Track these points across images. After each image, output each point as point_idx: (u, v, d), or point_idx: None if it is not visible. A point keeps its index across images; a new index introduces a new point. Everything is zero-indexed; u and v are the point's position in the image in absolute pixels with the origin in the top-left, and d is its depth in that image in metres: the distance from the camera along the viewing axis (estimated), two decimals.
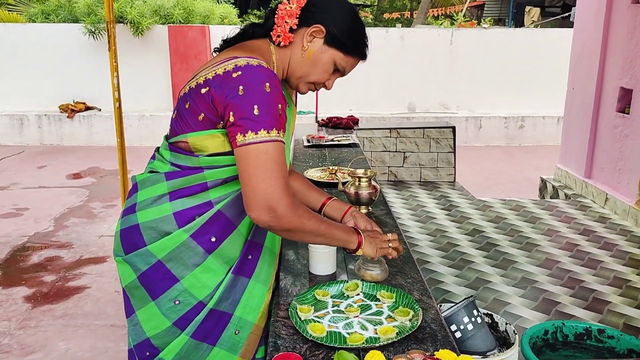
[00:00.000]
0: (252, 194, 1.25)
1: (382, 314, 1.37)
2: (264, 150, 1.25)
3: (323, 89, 1.50)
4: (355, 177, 2.15)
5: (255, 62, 1.28)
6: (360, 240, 1.45)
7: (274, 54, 1.42)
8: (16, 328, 2.96)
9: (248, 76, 1.26)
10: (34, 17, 8.88)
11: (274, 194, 1.25)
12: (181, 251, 1.37)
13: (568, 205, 4.63)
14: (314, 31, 1.39)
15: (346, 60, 1.44)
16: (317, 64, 1.42)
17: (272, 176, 1.26)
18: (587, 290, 3.09)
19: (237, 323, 1.43)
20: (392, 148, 5.18)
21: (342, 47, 1.41)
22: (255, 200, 1.25)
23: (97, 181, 6.04)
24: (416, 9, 17.78)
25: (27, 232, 4.41)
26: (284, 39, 1.39)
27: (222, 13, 9.28)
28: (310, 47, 1.41)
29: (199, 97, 1.32)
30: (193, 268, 1.38)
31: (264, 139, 1.25)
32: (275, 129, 1.26)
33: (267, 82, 1.27)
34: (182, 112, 1.37)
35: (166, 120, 8.10)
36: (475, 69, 8.63)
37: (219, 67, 1.30)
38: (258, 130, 1.25)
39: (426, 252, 3.57)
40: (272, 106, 1.26)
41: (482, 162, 7.15)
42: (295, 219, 1.29)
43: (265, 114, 1.25)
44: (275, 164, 1.26)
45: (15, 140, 8.10)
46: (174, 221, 1.37)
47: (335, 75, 1.47)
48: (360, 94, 8.49)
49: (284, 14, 1.39)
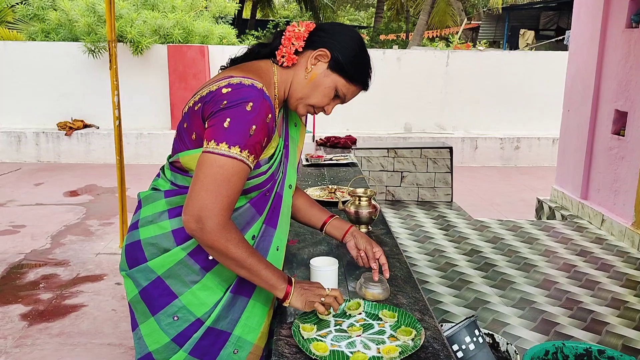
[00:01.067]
0: (191, 198, 1.26)
1: (385, 333, 1.38)
2: (220, 163, 1.25)
3: (322, 113, 1.50)
4: (355, 197, 2.16)
5: (248, 82, 1.29)
6: (288, 291, 1.35)
7: (276, 74, 1.43)
8: (12, 346, 2.93)
9: (235, 93, 1.27)
10: (34, 36, 8.95)
11: (209, 207, 1.25)
12: (179, 268, 1.38)
13: (565, 226, 4.65)
14: (319, 54, 1.40)
15: (348, 87, 1.44)
16: (318, 87, 1.42)
17: (216, 190, 1.25)
18: (586, 311, 3.09)
19: (236, 342, 1.43)
20: (390, 168, 5.21)
21: (345, 74, 1.41)
22: (191, 205, 1.26)
23: (94, 199, 6.03)
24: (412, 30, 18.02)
25: (23, 249, 4.39)
26: (288, 59, 1.40)
27: (221, 33, 9.37)
28: (314, 70, 1.41)
29: (193, 115, 1.34)
30: (191, 285, 1.39)
31: (222, 152, 1.25)
32: (238, 147, 1.26)
33: (251, 102, 1.27)
34: (180, 131, 1.40)
35: (164, 139, 8.13)
36: (471, 91, 8.72)
37: (213, 85, 1.32)
38: (220, 142, 1.25)
39: (425, 272, 3.57)
40: (244, 125, 1.26)
41: (478, 182, 7.18)
42: (221, 240, 1.27)
43: (233, 130, 1.25)
44: (225, 180, 1.26)
45: (13, 157, 8.09)
46: (172, 238, 1.39)
47: (335, 101, 1.47)
48: (357, 113, 8.54)
49: (292, 36, 1.40)
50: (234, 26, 10.98)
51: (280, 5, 26.14)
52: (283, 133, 1.51)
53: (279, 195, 1.49)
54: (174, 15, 8.49)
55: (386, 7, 21.44)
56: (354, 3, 26.74)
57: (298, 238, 2.05)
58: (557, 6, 15.73)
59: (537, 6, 16.51)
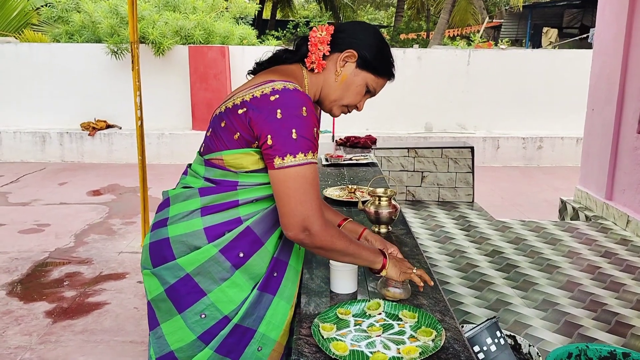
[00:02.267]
0: (290, 214, 1.32)
1: (405, 333, 1.37)
2: (302, 173, 1.31)
3: (355, 110, 1.56)
4: (375, 196, 2.15)
5: (292, 86, 1.34)
6: (384, 262, 1.48)
7: (306, 78, 1.48)
8: (37, 343, 2.99)
9: (285, 100, 1.31)
10: (58, 37, 9.11)
11: (309, 215, 1.32)
12: (210, 265, 1.40)
13: (589, 227, 4.57)
14: (346, 56, 1.46)
15: (377, 81, 1.50)
16: (350, 87, 1.48)
17: (308, 198, 1.32)
18: (610, 313, 3.03)
19: (260, 339, 1.44)
20: (410, 168, 5.18)
21: (373, 69, 1.47)
22: (293, 221, 1.32)
23: (117, 198, 6.11)
24: (432, 29, 17.90)
25: (48, 247, 4.47)
26: (318, 66, 1.46)
27: (241, 34, 9.42)
28: (344, 72, 1.47)
29: (235, 117, 1.36)
30: (220, 282, 1.40)
31: (301, 162, 1.31)
32: (311, 152, 1.33)
33: (304, 106, 1.32)
34: (217, 130, 1.41)
35: (185, 139, 8.20)
36: (493, 90, 8.62)
37: (256, 90, 1.35)
38: (296, 153, 1.30)
39: (445, 273, 3.54)
40: (309, 130, 1.32)
41: (500, 182, 7.10)
42: (328, 238, 1.36)
43: (303, 138, 1.31)
44: (310, 186, 1.33)
45: (38, 157, 8.25)
46: (204, 236, 1.40)
47: (366, 97, 1.53)
48: (377, 113, 8.51)
49: (317, 42, 1.45)
50: (254, 27, 11.05)
51: (300, 6, 26.19)
52: None
53: None
54: (195, 16, 8.56)
55: (406, 6, 21.32)
56: (374, 2, 26.66)
57: None
58: (580, 4, 15.47)
59: (560, 4, 16.25)
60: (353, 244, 1.44)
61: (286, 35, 14.49)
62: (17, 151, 8.22)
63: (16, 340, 3.01)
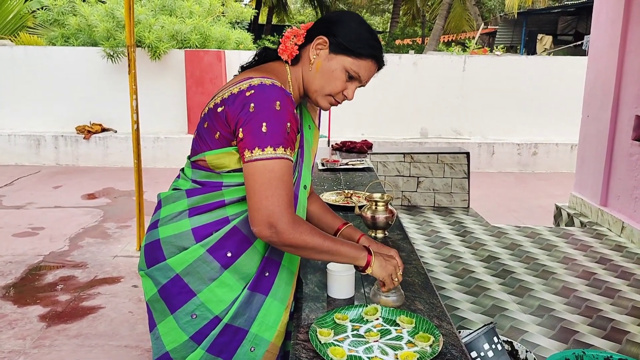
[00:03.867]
0: (255, 209, 1.30)
1: (402, 339, 1.37)
2: (270, 167, 1.29)
3: (346, 100, 1.50)
4: (372, 201, 2.15)
5: (269, 82, 1.33)
6: (369, 259, 1.43)
7: (289, 73, 1.47)
8: (31, 347, 2.96)
9: (259, 94, 1.31)
10: (54, 41, 9.08)
11: (275, 211, 1.28)
12: (198, 265, 1.40)
13: (584, 233, 4.58)
14: (318, 43, 1.43)
15: (357, 64, 1.43)
16: (326, 74, 1.43)
17: (275, 193, 1.29)
18: (605, 319, 3.04)
19: (253, 340, 1.44)
20: (406, 173, 5.19)
21: (348, 51, 1.42)
22: (258, 216, 1.29)
23: (112, 202, 6.09)
24: (428, 35, 17.96)
25: (42, 251, 4.44)
26: (289, 53, 1.45)
27: (237, 38, 9.43)
28: (317, 59, 1.44)
29: (215, 116, 1.37)
30: (209, 282, 1.40)
31: (269, 155, 1.29)
32: (282, 147, 1.30)
33: (278, 100, 1.30)
34: (201, 131, 1.42)
35: (180, 143, 8.19)
36: (488, 96, 8.66)
37: (234, 87, 1.36)
38: (265, 147, 1.29)
39: (441, 278, 3.54)
40: (281, 124, 1.30)
41: (495, 188, 7.12)
42: (297, 235, 1.31)
43: (273, 132, 1.29)
44: (279, 181, 1.30)
45: (32, 160, 8.21)
46: (192, 236, 1.41)
47: (352, 84, 1.46)
48: (372, 118, 8.54)
49: (290, 34, 1.46)
50: (250, 31, 11.06)
51: (296, 11, 26.24)
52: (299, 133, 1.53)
53: (295, 195, 1.50)
54: (192, 20, 8.57)
55: (402, 12, 21.41)
56: (370, 8, 26.75)
57: None
58: (575, 11, 15.59)
59: (555, 11, 16.37)
60: (329, 239, 1.38)
61: None
62: (12, 154, 8.18)
63: (10, 345, 2.98)
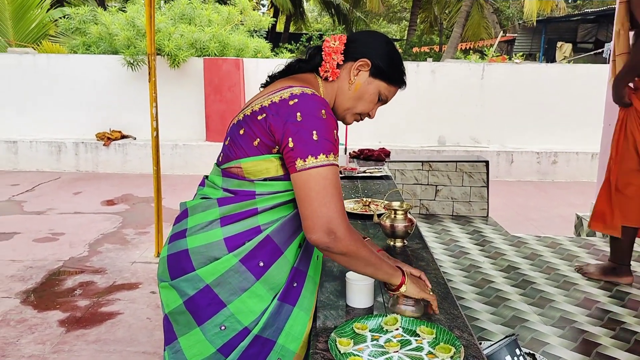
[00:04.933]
0: (314, 216, 1.29)
1: (423, 349, 1.35)
2: (324, 174, 1.30)
3: (367, 118, 1.57)
4: (391, 210, 2.14)
5: (310, 91, 1.35)
6: (403, 279, 1.47)
7: (321, 87, 1.49)
8: (50, 352, 2.99)
9: (304, 103, 1.32)
10: (75, 49, 9.23)
11: (334, 217, 1.30)
12: (230, 276, 1.38)
13: (605, 244, 4.50)
14: (360, 65, 1.47)
15: (389, 89, 1.52)
16: (364, 96, 1.50)
17: (332, 200, 1.30)
18: (629, 332, 2.97)
19: (280, 351, 1.42)
20: (424, 181, 5.16)
21: (386, 78, 1.50)
22: (318, 223, 1.29)
23: (130, 208, 6.15)
24: (445, 43, 17.91)
25: (62, 256, 4.49)
26: (332, 74, 1.47)
27: (255, 47, 9.49)
28: (357, 80, 1.49)
29: (254, 123, 1.36)
30: (241, 293, 1.38)
31: (323, 162, 1.30)
32: (332, 153, 1.32)
33: (323, 109, 1.33)
34: (235, 138, 1.41)
35: (198, 150, 8.24)
36: (507, 104, 8.59)
37: (274, 96, 1.36)
38: (318, 154, 1.30)
39: (460, 288, 3.50)
40: (329, 131, 1.33)
41: (514, 197, 7.04)
42: (352, 243, 1.33)
43: (324, 139, 1.31)
44: (334, 187, 1.31)
45: (53, 166, 8.33)
46: (224, 246, 1.39)
47: (378, 105, 1.55)
48: (390, 126, 8.52)
49: (331, 51, 1.47)
50: (268, 40, 11.13)
51: (313, 19, 26.37)
52: None
53: None
54: (210, 29, 8.65)
55: (419, 20, 21.38)
56: (387, 16, 26.77)
57: None
58: (595, 18, 15.42)
59: (574, 19, 16.22)
60: (374, 254, 1.43)
61: (299, 48, 14.58)
62: (33, 160, 8.31)
63: (30, 349, 3.01)
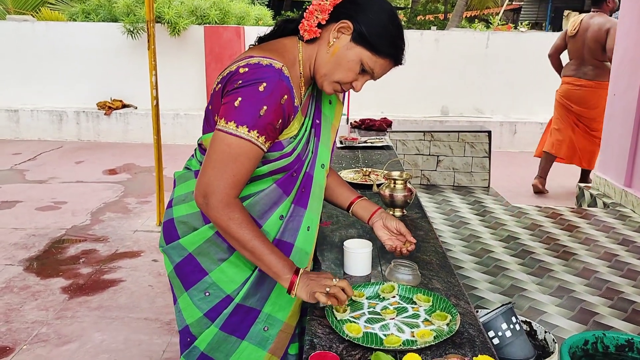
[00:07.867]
0: (201, 175, 1.30)
1: (419, 317, 1.36)
2: (227, 141, 1.26)
3: (351, 90, 1.41)
4: (391, 180, 2.13)
5: (266, 62, 1.27)
6: (293, 281, 1.29)
7: (301, 51, 1.38)
8: (53, 318, 3.04)
9: (251, 73, 1.27)
10: (74, 16, 9.11)
11: (214, 184, 1.27)
12: (208, 246, 1.41)
13: (607, 214, 4.50)
14: (341, 27, 1.33)
15: (375, 60, 1.35)
16: (341, 61, 1.34)
17: (222, 168, 1.26)
18: (627, 301, 2.99)
19: (266, 320, 1.44)
20: (426, 151, 5.13)
21: (370, 46, 1.33)
22: (199, 181, 1.30)
23: (132, 177, 6.15)
24: (450, 11, 17.60)
25: (64, 225, 4.52)
26: (310, 32, 1.34)
27: (257, 14, 9.35)
28: (336, 43, 1.34)
29: (215, 95, 1.35)
30: (220, 263, 1.41)
31: (230, 130, 1.26)
32: (246, 127, 1.25)
33: (265, 82, 1.24)
34: (207, 113, 1.41)
35: (200, 119, 8.17)
36: (511, 74, 8.47)
37: (233, 65, 1.32)
38: (229, 120, 1.26)
39: (460, 258, 3.51)
40: (254, 105, 1.24)
41: (516, 168, 7.01)
42: (224, 218, 1.28)
43: (243, 110, 1.25)
44: (231, 159, 1.26)
45: (54, 135, 8.31)
46: (201, 217, 1.41)
47: (363, 77, 1.39)
48: (392, 96, 8.43)
49: (316, 9, 1.35)
50: (270, 7, 10.96)
51: None
52: (312, 111, 1.47)
53: (309, 175, 1.46)
54: None
55: None
56: None
57: (331, 220, 2.03)
58: None
59: None
60: (259, 241, 1.29)
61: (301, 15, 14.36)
62: (35, 129, 8.29)
63: (33, 315, 3.06)
